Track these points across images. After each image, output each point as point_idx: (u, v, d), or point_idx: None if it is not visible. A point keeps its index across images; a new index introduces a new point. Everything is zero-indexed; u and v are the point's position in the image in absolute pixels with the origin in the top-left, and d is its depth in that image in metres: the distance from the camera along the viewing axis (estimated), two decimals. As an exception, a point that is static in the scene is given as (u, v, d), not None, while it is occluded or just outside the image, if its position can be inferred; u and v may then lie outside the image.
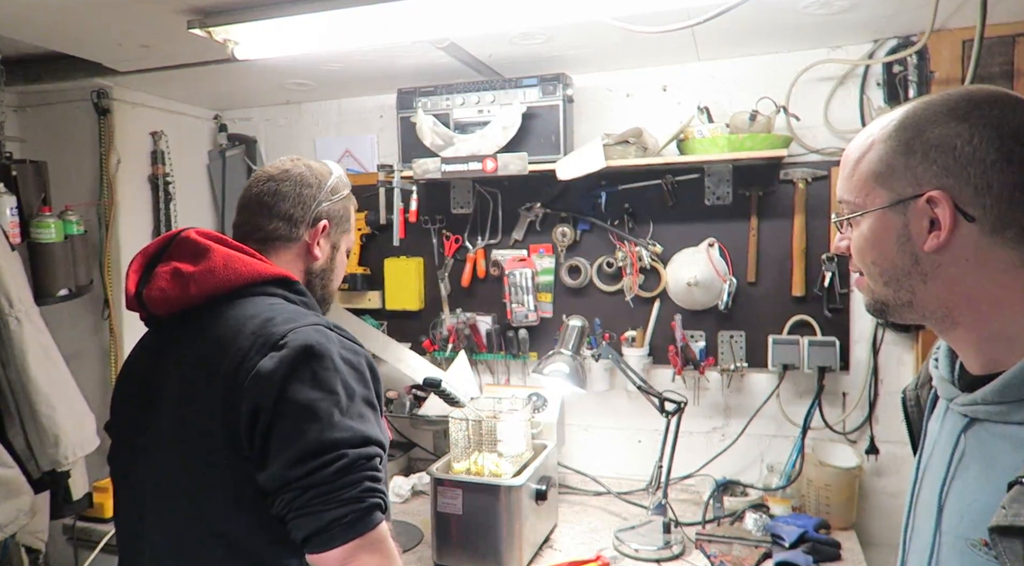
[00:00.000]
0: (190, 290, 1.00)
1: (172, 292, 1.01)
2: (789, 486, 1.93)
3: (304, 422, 0.89)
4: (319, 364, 0.92)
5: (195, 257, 1.03)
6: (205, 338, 0.99)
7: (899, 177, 0.68)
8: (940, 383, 0.74)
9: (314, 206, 1.14)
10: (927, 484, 0.74)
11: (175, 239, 1.07)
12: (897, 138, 0.68)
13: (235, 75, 2.09)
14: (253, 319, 0.97)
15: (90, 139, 2.16)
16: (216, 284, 1.00)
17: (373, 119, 2.41)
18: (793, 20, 1.71)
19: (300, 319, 0.98)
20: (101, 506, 1.95)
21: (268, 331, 0.95)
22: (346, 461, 0.89)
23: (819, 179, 1.96)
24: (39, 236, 1.88)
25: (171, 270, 1.02)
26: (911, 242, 0.67)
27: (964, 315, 0.68)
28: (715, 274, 2.00)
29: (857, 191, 0.72)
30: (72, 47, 1.82)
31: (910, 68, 1.82)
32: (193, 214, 2.48)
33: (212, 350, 0.97)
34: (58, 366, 1.82)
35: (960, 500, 0.67)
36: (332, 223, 1.17)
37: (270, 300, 1.02)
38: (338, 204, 1.18)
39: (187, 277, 1.01)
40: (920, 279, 0.68)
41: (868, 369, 1.94)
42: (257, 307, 1.00)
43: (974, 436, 0.67)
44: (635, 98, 2.13)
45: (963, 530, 0.65)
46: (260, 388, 0.90)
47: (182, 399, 0.98)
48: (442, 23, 1.55)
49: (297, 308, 1.04)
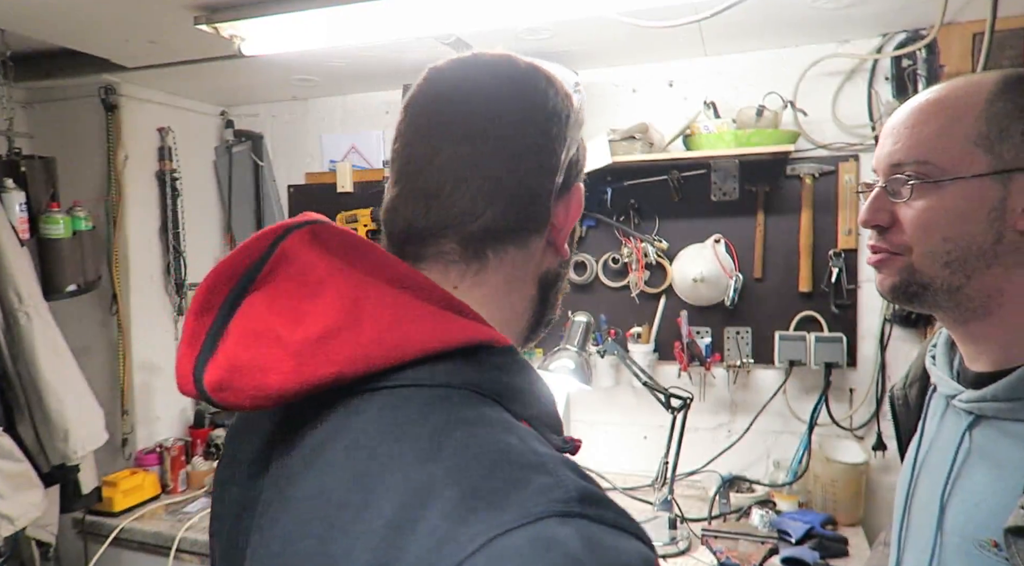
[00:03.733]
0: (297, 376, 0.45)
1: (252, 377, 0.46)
2: (796, 482, 1.93)
3: None
4: None
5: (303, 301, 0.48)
6: (314, 484, 0.45)
7: (1010, 143, 0.59)
8: (940, 380, 0.71)
9: (564, 156, 0.56)
10: (925, 483, 0.71)
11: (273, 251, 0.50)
12: (1011, 100, 0.60)
13: (241, 71, 2.09)
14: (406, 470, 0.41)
15: (98, 135, 2.17)
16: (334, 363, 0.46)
17: (379, 115, 2.41)
18: (801, 14, 1.70)
19: (517, 488, 0.39)
20: (110, 500, 1.97)
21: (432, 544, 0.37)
22: None
23: (826, 174, 1.95)
24: (48, 232, 1.89)
25: (254, 331, 0.47)
26: (1003, 219, 0.60)
27: (1002, 306, 0.63)
28: (721, 270, 1.99)
29: (946, 152, 0.61)
30: (80, 43, 1.82)
31: (919, 62, 1.80)
32: (200, 211, 2.49)
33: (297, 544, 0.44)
34: (67, 361, 1.84)
35: (966, 500, 0.64)
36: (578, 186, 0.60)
37: (439, 415, 0.44)
38: (583, 149, 0.61)
39: (290, 347, 0.46)
40: (986, 262, 0.62)
41: (875, 365, 1.94)
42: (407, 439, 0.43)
43: (981, 434, 0.65)
44: (641, 93, 2.13)
45: (970, 531, 0.62)
46: None
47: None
48: (448, 19, 1.55)
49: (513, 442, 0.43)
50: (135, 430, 2.22)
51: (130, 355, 2.20)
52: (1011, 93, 0.61)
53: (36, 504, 1.69)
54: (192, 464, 2.20)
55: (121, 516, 1.96)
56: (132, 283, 2.22)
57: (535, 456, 0.41)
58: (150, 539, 1.90)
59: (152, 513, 2.00)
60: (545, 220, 0.57)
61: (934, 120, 0.63)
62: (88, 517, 1.97)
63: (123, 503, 1.99)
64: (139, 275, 2.25)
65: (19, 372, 1.74)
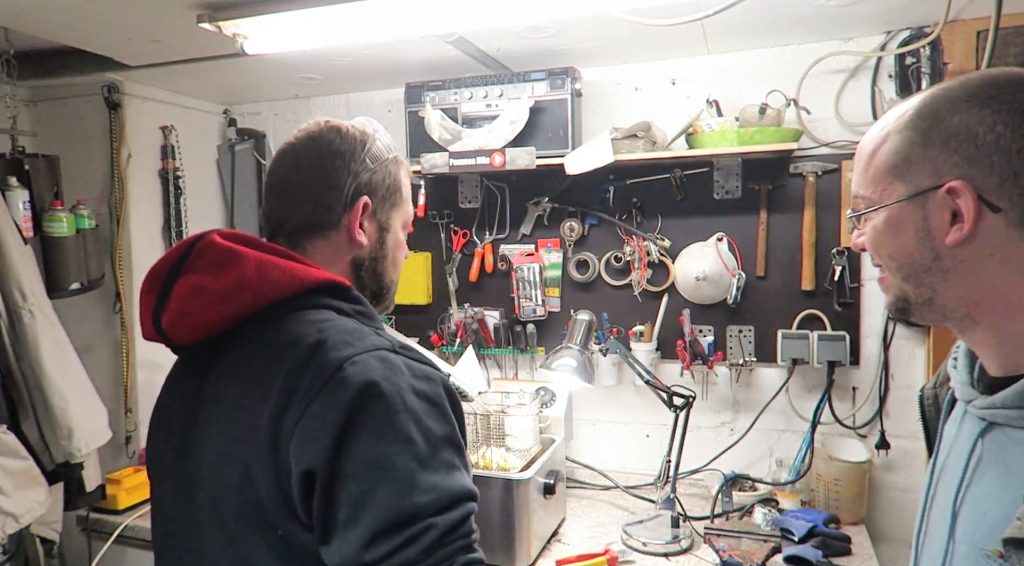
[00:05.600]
0: (217, 311, 0.80)
1: (195, 315, 0.80)
2: (798, 480, 1.92)
3: (376, 485, 0.69)
4: (386, 405, 0.71)
5: (220, 267, 0.81)
6: (239, 372, 0.80)
7: (917, 169, 0.64)
8: (958, 384, 0.71)
9: (349, 180, 0.90)
10: (942, 489, 0.71)
11: (195, 246, 0.84)
12: (914, 128, 0.65)
13: (244, 69, 2.09)
14: (296, 346, 0.76)
15: (101, 133, 2.18)
16: (249, 301, 0.80)
17: (381, 114, 2.41)
18: (804, 12, 1.69)
19: (356, 342, 0.76)
20: (114, 497, 1.97)
21: (316, 364, 0.73)
22: (435, 534, 0.69)
23: (829, 172, 1.94)
24: (51, 230, 1.90)
25: (191, 286, 0.80)
26: (931, 236, 0.64)
27: (985, 314, 0.64)
28: (724, 268, 1.99)
29: (873, 185, 0.68)
30: (83, 42, 1.83)
31: (923, 60, 1.80)
32: (203, 209, 2.49)
33: (249, 389, 0.77)
34: (71, 359, 1.84)
35: (976, 508, 0.64)
36: (376, 198, 0.92)
37: (318, 315, 0.81)
38: (381, 172, 0.93)
39: (211, 294, 0.79)
40: (941, 275, 0.65)
41: (879, 364, 1.93)
42: (302, 328, 0.78)
43: (992, 441, 0.64)
44: (644, 92, 2.12)
45: (977, 539, 0.62)
46: (312, 443, 0.70)
47: (221, 456, 0.78)
48: (451, 17, 1.54)
49: (352, 325, 0.81)
50: (139, 428, 2.22)
51: (133, 353, 2.21)
52: (916, 121, 0.65)
53: (40, 502, 1.70)
54: (195, 462, 2.20)
55: (125, 514, 1.97)
56: (135, 281, 2.22)
57: (371, 332, 0.81)
58: (153, 537, 1.90)
59: (155, 511, 2.01)
60: (335, 223, 0.90)
61: (864, 156, 0.70)
62: (92, 514, 1.98)
63: (127, 501, 2.00)
64: (142, 273, 2.22)
65: (23, 370, 1.75)
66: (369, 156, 0.92)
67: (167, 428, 0.89)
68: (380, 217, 0.94)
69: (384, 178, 0.94)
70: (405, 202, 0.99)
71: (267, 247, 0.85)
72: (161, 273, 0.84)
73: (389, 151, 0.96)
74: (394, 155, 0.97)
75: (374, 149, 0.94)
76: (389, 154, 0.96)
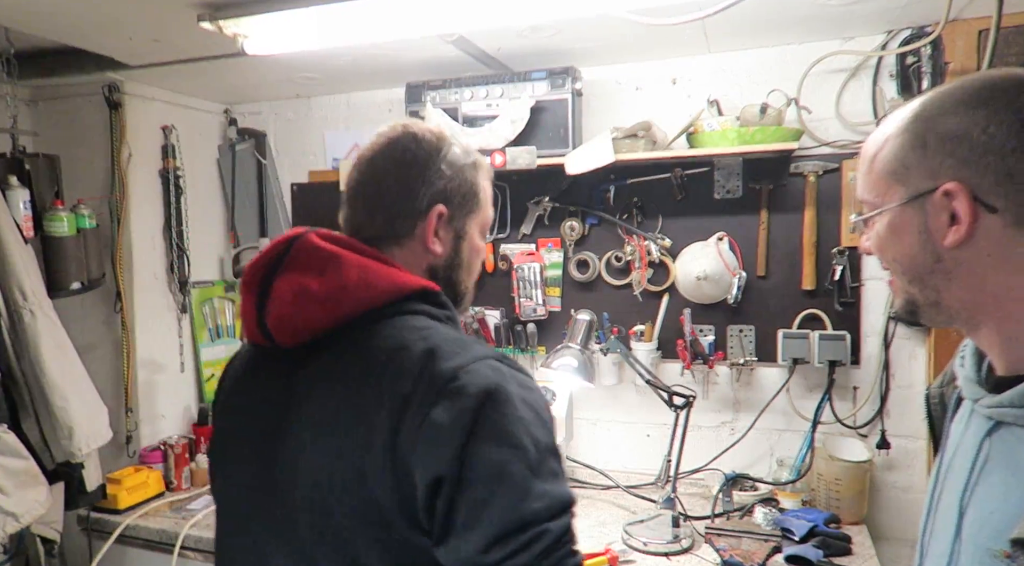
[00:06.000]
0: (322, 313, 0.80)
1: (301, 317, 0.80)
2: (799, 480, 1.92)
3: (495, 490, 0.72)
4: (502, 414, 0.74)
5: (321, 269, 0.81)
6: (339, 376, 0.79)
7: (914, 172, 0.65)
8: (965, 383, 0.71)
9: (423, 190, 0.89)
10: (948, 488, 0.71)
11: (293, 244, 0.84)
12: (911, 132, 0.66)
13: (245, 69, 2.09)
14: (404, 353, 0.77)
15: (102, 133, 2.18)
16: (352, 305, 0.80)
17: (382, 113, 2.41)
18: (805, 11, 1.69)
19: (464, 351, 0.77)
20: (114, 497, 1.97)
21: (431, 372, 0.75)
22: (548, 540, 0.73)
23: (830, 172, 1.94)
24: (52, 230, 1.90)
25: (295, 287, 0.80)
26: (931, 239, 0.65)
27: (990, 314, 0.65)
28: (724, 268, 1.99)
29: (874, 189, 0.70)
30: (84, 41, 1.83)
31: (924, 59, 1.80)
32: (204, 209, 2.49)
33: (353, 394, 0.77)
34: (71, 359, 1.84)
35: (982, 507, 0.64)
36: (451, 205, 0.90)
37: (416, 322, 0.81)
38: (457, 179, 0.91)
39: (316, 296, 0.79)
40: (944, 277, 0.66)
41: (879, 363, 1.93)
42: (405, 334, 0.79)
43: (999, 440, 0.64)
44: (644, 91, 2.12)
45: (983, 539, 0.62)
46: (437, 450, 0.72)
47: (326, 460, 0.77)
48: (451, 17, 1.54)
49: (453, 333, 0.82)
50: (139, 428, 2.23)
51: (134, 353, 2.21)
52: (913, 125, 0.66)
53: (41, 501, 1.70)
54: (196, 462, 2.21)
55: (125, 513, 1.97)
56: (136, 281, 2.22)
57: (474, 342, 0.82)
58: (154, 536, 1.91)
59: (156, 510, 2.01)
60: (410, 232, 0.89)
61: (866, 160, 0.71)
62: (92, 514, 1.98)
63: (127, 500, 2.00)
64: (143, 273, 2.25)
65: (24, 370, 1.75)
66: (445, 163, 0.90)
67: (243, 428, 0.87)
68: (456, 224, 0.92)
69: (460, 185, 0.92)
70: (483, 207, 0.96)
71: (364, 251, 0.85)
72: (259, 272, 0.83)
73: (467, 155, 0.94)
74: (472, 159, 0.94)
75: (450, 155, 0.91)
76: (467, 159, 0.93)
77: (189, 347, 2.42)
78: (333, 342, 0.81)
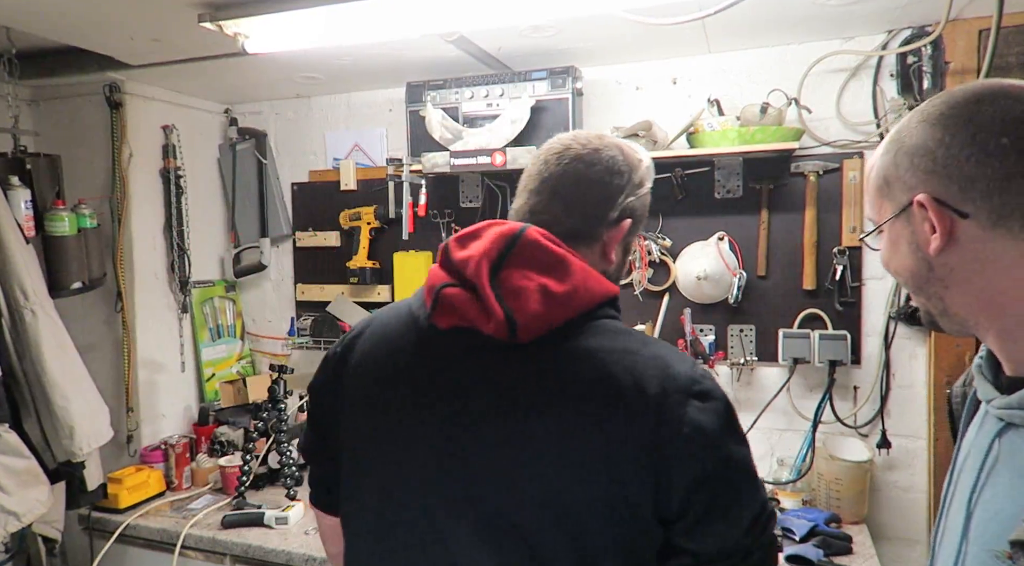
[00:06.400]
0: (561, 314, 0.82)
1: (546, 318, 0.82)
2: (799, 480, 1.92)
3: (745, 480, 0.83)
4: (733, 412, 0.83)
5: (554, 270, 0.84)
6: (578, 376, 0.81)
7: (895, 188, 0.70)
8: (980, 383, 0.72)
9: (621, 200, 0.93)
10: (959, 489, 0.71)
11: (519, 239, 0.86)
12: (888, 151, 0.72)
13: (245, 69, 2.09)
14: (637, 355, 0.82)
15: (103, 133, 2.18)
16: (577, 308, 0.83)
17: (382, 113, 2.41)
18: (805, 11, 1.69)
19: (680, 355, 0.85)
20: (115, 496, 1.98)
21: (671, 376, 0.80)
22: (772, 519, 0.85)
23: (831, 172, 1.94)
24: (53, 229, 1.90)
25: (537, 286, 0.82)
26: (920, 249, 0.68)
27: (988, 317, 0.67)
28: (725, 268, 1.99)
29: (872, 207, 0.75)
30: (85, 41, 1.83)
31: (924, 59, 1.79)
32: (204, 208, 2.49)
33: (596, 393, 0.80)
34: (72, 358, 1.84)
35: (988, 509, 0.64)
36: (635, 222, 0.96)
37: (618, 326, 0.87)
38: (642, 199, 0.97)
39: (556, 297, 0.82)
40: (940, 285, 0.68)
41: (880, 363, 1.93)
42: (622, 336, 0.84)
43: (1007, 442, 0.65)
44: (645, 91, 2.12)
45: (988, 540, 0.62)
46: (700, 450, 0.79)
47: (552, 455, 0.80)
48: (452, 16, 1.55)
49: (651, 337, 0.90)
50: (140, 427, 2.23)
51: (135, 352, 2.21)
52: (890, 144, 0.72)
53: (42, 500, 1.70)
54: (196, 461, 2.21)
55: (126, 513, 1.97)
56: (136, 280, 2.23)
57: (665, 343, 0.90)
58: (155, 536, 1.91)
59: (157, 510, 2.01)
60: (599, 236, 0.93)
61: (867, 180, 0.77)
62: (93, 513, 1.98)
63: (128, 500, 2.00)
64: (143, 272, 2.26)
65: (25, 369, 1.75)
66: (640, 181, 0.96)
67: (422, 409, 0.87)
68: (627, 239, 0.98)
69: (643, 206, 0.98)
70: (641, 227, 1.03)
71: (574, 253, 0.88)
72: (487, 263, 0.84)
73: (651, 179, 0.99)
74: (650, 185, 1.00)
75: (646, 177, 0.97)
76: (650, 183, 0.99)
77: (190, 346, 2.42)
78: (557, 339, 0.83)
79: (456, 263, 0.87)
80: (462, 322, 0.85)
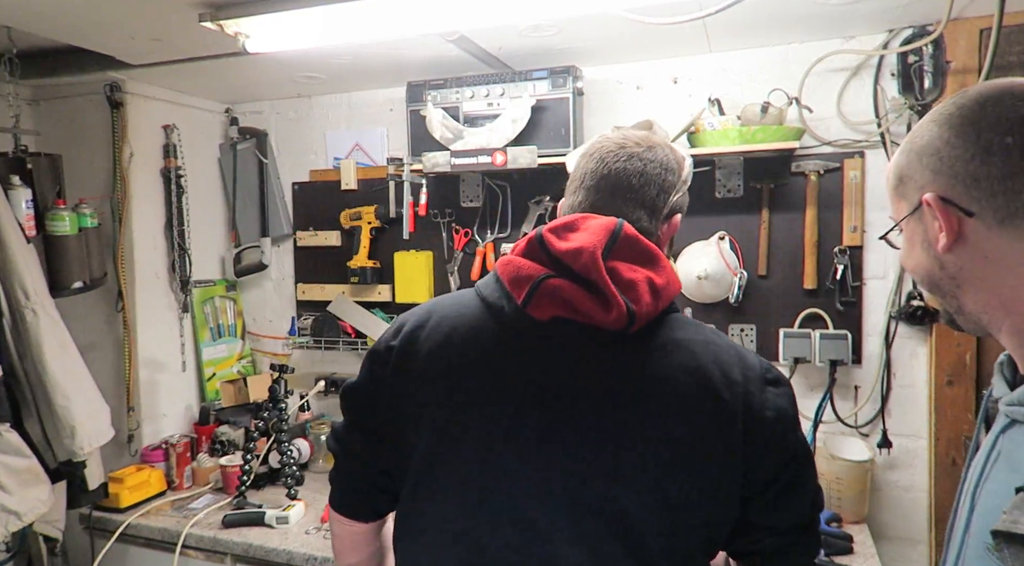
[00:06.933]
0: (659, 307, 0.88)
1: (653, 309, 0.87)
2: (800, 480, 1.92)
3: (809, 463, 0.92)
4: (794, 397, 0.92)
5: (651, 263, 0.89)
6: (674, 365, 0.86)
7: (908, 187, 0.72)
8: (997, 381, 0.74)
9: (674, 196, 0.97)
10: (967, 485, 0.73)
11: (619, 233, 0.88)
12: (903, 150, 0.73)
13: (246, 68, 2.09)
14: (715, 345, 0.89)
15: (103, 132, 2.18)
16: (667, 300, 0.89)
17: (383, 112, 2.41)
18: (806, 10, 1.69)
19: (741, 346, 0.94)
20: (116, 496, 1.98)
21: (750, 365, 0.89)
22: (821, 492, 0.96)
23: (831, 171, 1.94)
24: (54, 229, 1.90)
25: (646, 279, 0.87)
26: (932, 247, 0.69)
27: (1000, 314, 0.67)
28: (725, 267, 1.99)
29: (891, 206, 0.77)
30: (85, 41, 1.83)
31: (926, 58, 1.79)
32: (205, 208, 2.50)
33: (692, 382, 0.85)
34: (73, 358, 1.84)
35: (987, 503, 0.66)
36: (682, 217, 1.02)
37: (688, 318, 0.94)
38: (686, 195, 1.02)
39: (659, 291, 0.87)
40: (952, 283, 0.69)
41: (881, 362, 1.93)
42: (698, 329, 0.91)
43: (1009, 438, 0.66)
44: (645, 90, 2.12)
45: (983, 534, 0.63)
46: (784, 429, 0.88)
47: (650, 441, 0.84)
48: (453, 16, 1.55)
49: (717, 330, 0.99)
50: (141, 426, 2.23)
51: (135, 352, 2.21)
52: (904, 144, 0.73)
53: (43, 500, 1.70)
54: (197, 460, 2.21)
55: (127, 512, 1.98)
56: (137, 280, 2.23)
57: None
58: (156, 535, 1.91)
59: (158, 509, 2.02)
60: (654, 230, 0.96)
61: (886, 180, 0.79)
62: (94, 513, 1.98)
63: (129, 499, 2.00)
64: (144, 272, 2.26)
65: (26, 369, 1.75)
66: (686, 178, 1.01)
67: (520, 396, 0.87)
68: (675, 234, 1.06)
69: (687, 202, 1.03)
70: None
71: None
72: (595, 254, 0.85)
73: (691, 176, 1.04)
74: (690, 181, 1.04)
75: (689, 174, 1.02)
76: (690, 180, 1.03)
77: (190, 346, 2.42)
78: (653, 331, 0.88)
79: (559, 254, 0.87)
80: (566, 313, 0.86)
